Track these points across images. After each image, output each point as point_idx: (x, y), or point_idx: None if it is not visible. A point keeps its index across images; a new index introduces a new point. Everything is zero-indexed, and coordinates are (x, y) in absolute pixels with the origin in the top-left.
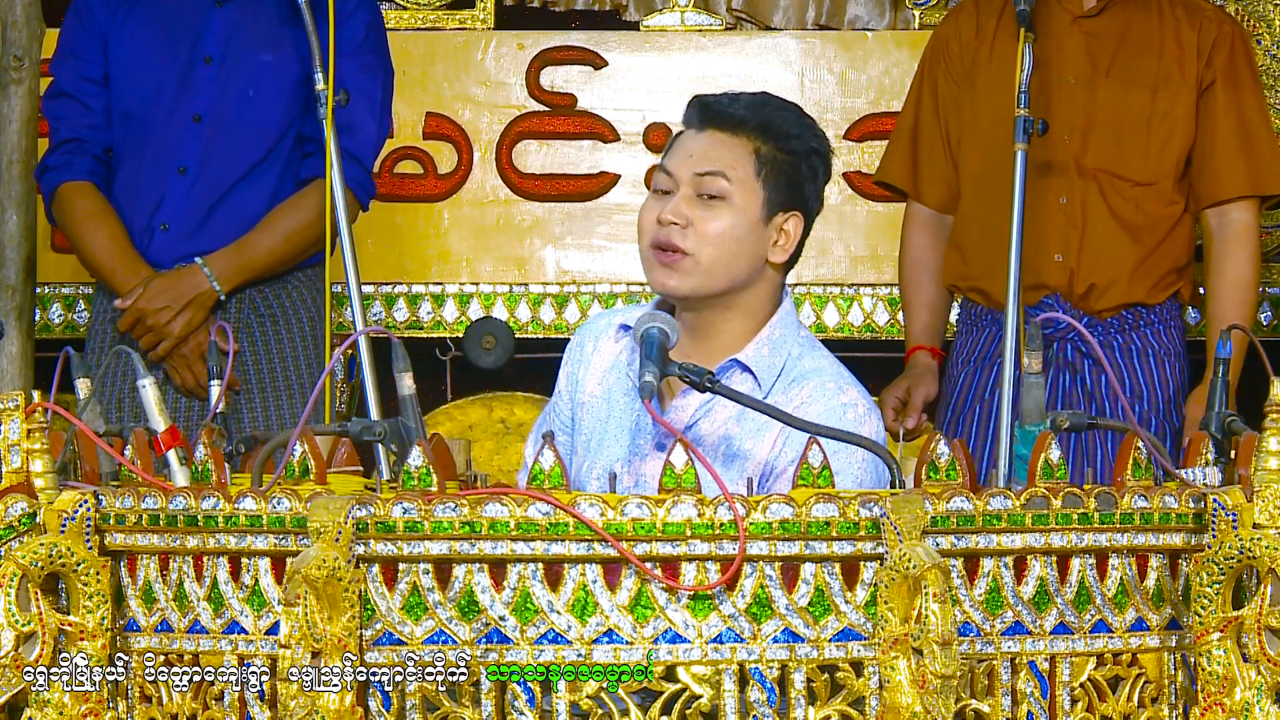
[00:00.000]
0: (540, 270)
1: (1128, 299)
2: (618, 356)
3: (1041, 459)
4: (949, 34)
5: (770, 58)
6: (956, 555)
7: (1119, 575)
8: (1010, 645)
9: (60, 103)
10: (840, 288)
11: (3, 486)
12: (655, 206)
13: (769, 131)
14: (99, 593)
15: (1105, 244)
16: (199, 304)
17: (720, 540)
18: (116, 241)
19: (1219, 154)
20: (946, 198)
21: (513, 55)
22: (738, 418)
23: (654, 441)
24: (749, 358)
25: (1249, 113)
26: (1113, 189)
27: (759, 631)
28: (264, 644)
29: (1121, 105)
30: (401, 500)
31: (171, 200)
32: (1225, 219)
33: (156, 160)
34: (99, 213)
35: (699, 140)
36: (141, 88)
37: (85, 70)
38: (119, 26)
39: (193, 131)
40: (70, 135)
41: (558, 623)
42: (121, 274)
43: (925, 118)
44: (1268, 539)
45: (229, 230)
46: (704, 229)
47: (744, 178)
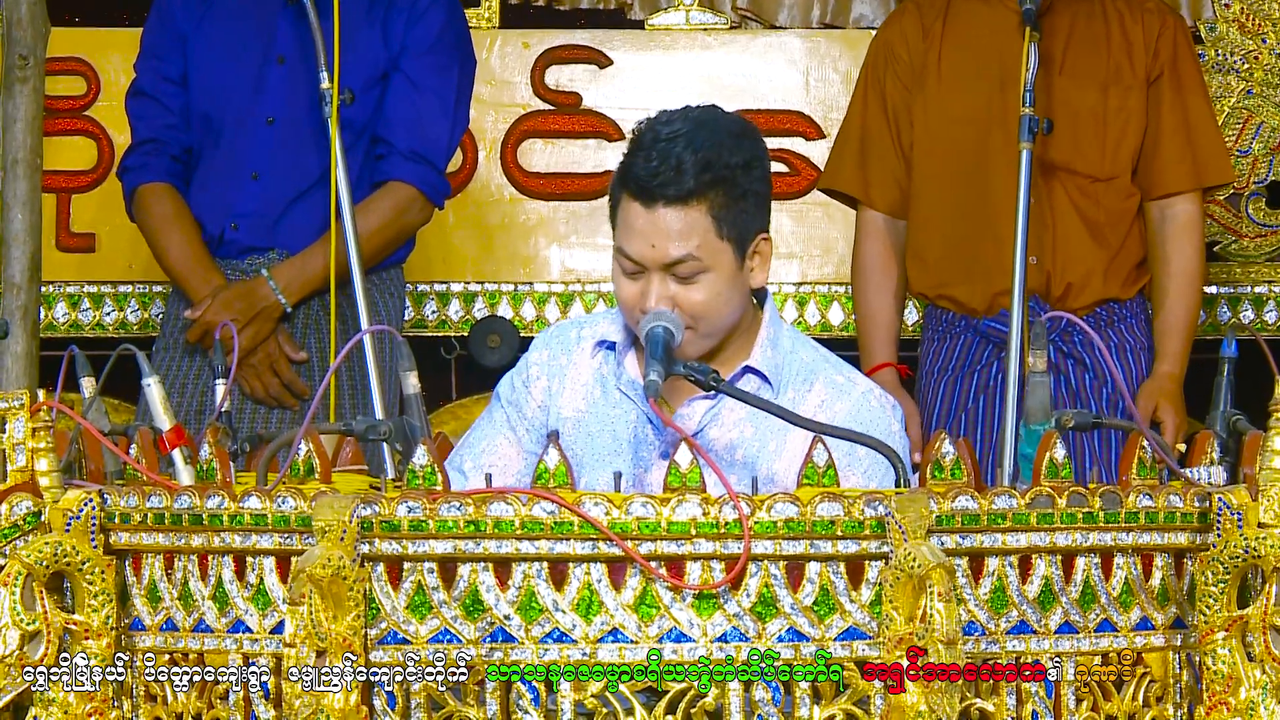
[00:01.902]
0: (545, 269)
1: (1102, 295)
2: (598, 370)
3: (1047, 458)
4: (893, 37)
5: (775, 56)
6: (961, 554)
7: (1124, 574)
8: (1015, 644)
9: (140, 102)
10: (845, 286)
11: (8, 485)
12: (632, 286)
13: (718, 185)
14: (104, 592)
15: (1075, 242)
16: (265, 316)
17: (725, 539)
18: (192, 248)
19: (1163, 148)
20: (899, 201)
21: (518, 54)
22: (747, 422)
23: (660, 450)
24: (759, 363)
25: (1192, 106)
26: (1075, 186)
27: (764, 630)
28: (269, 643)
29: (1076, 103)
30: (406, 499)
31: (244, 200)
32: (1170, 211)
33: (230, 163)
34: (175, 217)
35: (653, 223)
36: (218, 87)
37: (164, 70)
38: (197, 26)
39: (265, 134)
40: (149, 135)
41: (563, 622)
42: (194, 282)
43: (874, 122)
44: (1273, 538)
45: (303, 227)
46: (690, 302)
47: (710, 245)
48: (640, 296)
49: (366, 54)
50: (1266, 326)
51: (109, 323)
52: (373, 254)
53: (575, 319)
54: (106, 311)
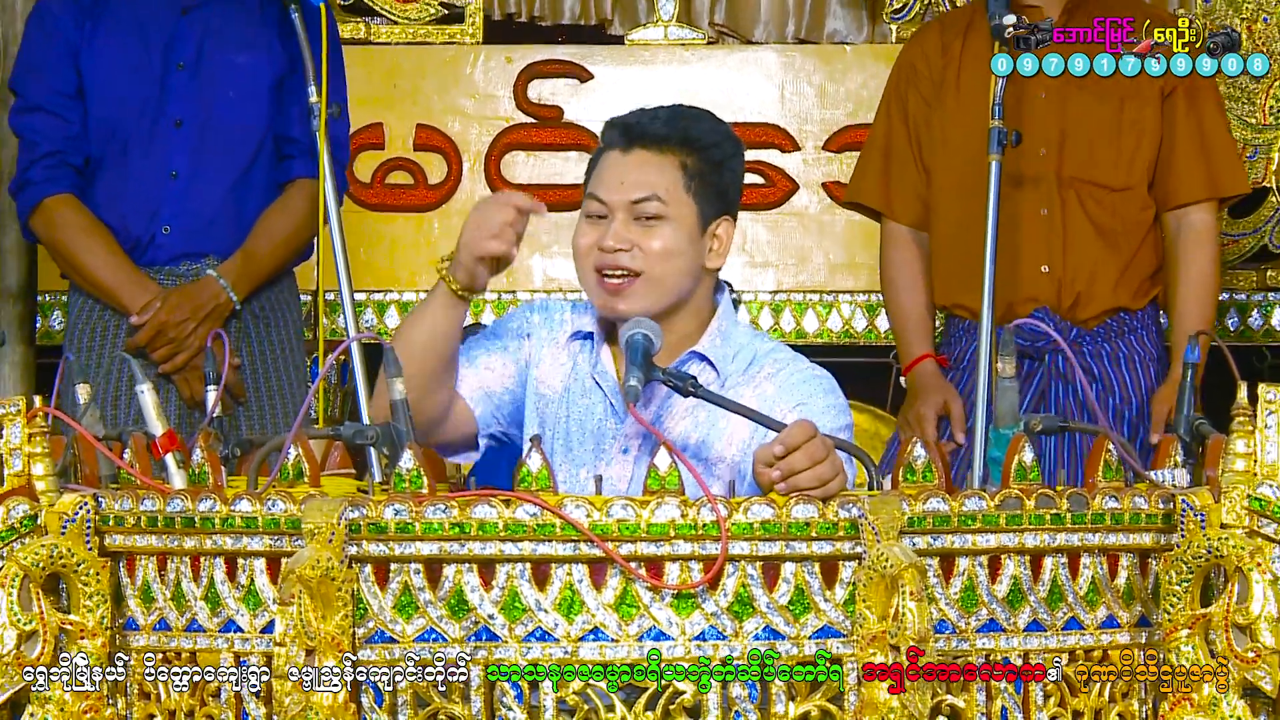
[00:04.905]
0: (528, 277)
1: (1113, 304)
2: (575, 359)
3: (1015, 461)
4: (916, 55)
5: (751, 71)
6: (933, 555)
7: (1090, 574)
8: (985, 642)
9: (36, 117)
10: (819, 294)
11: (5, 489)
12: (592, 232)
13: (692, 144)
14: (99, 592)
15: (1087, 252)
16: (217, 315)
17: (703, 540)
18: (116, 256)
19: (1179, 159)
20: (921, 214)
21: (501, 69)
22: (700, 408)
23: (620, 446)
24: (706, 349)
25: (1207, 119)
26: (1090, 197)
27: (741, 629)
28: (260, 642)
29: (1092, 115)
30: (393, 502)
31: (170, 203)
32: (1186, 220)
33: (144, 166)
34: (92, 228)
35: (626, 164)
36: (120, 97)
37: (56, 85)
38: (88, 41)
39: (177, 136)
40: (51, 149)
41: (545, 621)
42: (130, 289)
43: (897, 137)
44: (1235, 539)
45: (230, 230)
46: (647, 247)
47: (676, 195)
48: (600, 237)
49: (265, 59)
50: (1229, 333)
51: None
52: (294, 254)
53: (560, 302)
54: None
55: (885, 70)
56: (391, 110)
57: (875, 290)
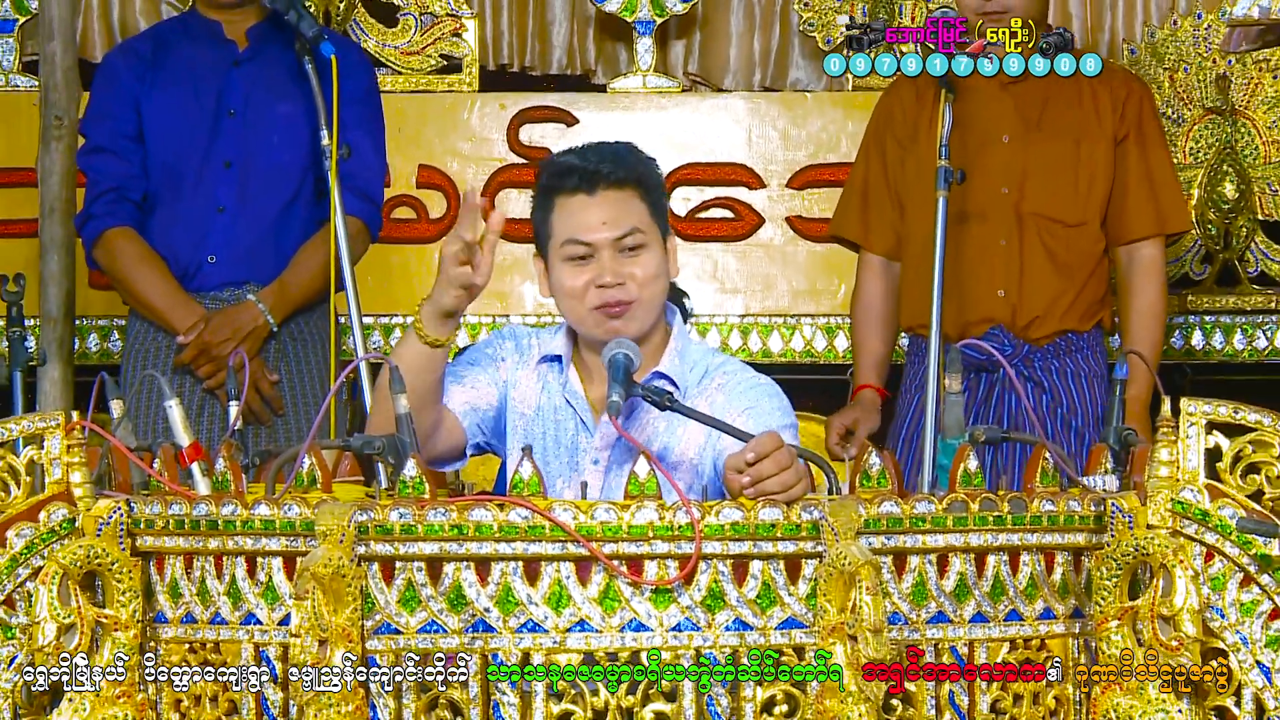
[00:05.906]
0: (520, 303)
1: (1062, 327)
2: (546, 380)
3: (961, 468)
4: (893, 102)
5: (721, 116)
6: (887, 553)
7: (1029, 570)
8: (934, 632)
9: (100, 158)
10: (784, 318)
11: (46, 496)
12: (582, 273)
13: (640, 179)
14: (131, 589)
15: (1041, 280)
16: (256, 336)
17: (679, 540)
18: (169, 283)
19: (1130, 199)
20: (895, 246)
21: (495, 114)
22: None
23: (591, 457)
24: (667, 368)
25: (1155, 162)
26: (1048, 231)
27: (713, 621)
28: (277, 633)
29: (1051, 155)
30: (398, 506)
31: (215, 235)
32: (1137, 254)
33: (194, 201)
34: (147, 257)
35: (598, 205)
36: (176, 139)
37: (120, 128)
38: (148, 90)
39: (226, 175)
40: (112, 185)
41: (536, 613)
42: (179, 312)
43: (874, 177)
44: (1159, 538)
45: (270, 260)
46: (636, 275)
47: (647, 222)
48: (596, 276)
49: (304, 107)
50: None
51: None
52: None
53: (525, 329)
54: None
55: (843, 115)
56: (397, 152)
57: (835, 314)
